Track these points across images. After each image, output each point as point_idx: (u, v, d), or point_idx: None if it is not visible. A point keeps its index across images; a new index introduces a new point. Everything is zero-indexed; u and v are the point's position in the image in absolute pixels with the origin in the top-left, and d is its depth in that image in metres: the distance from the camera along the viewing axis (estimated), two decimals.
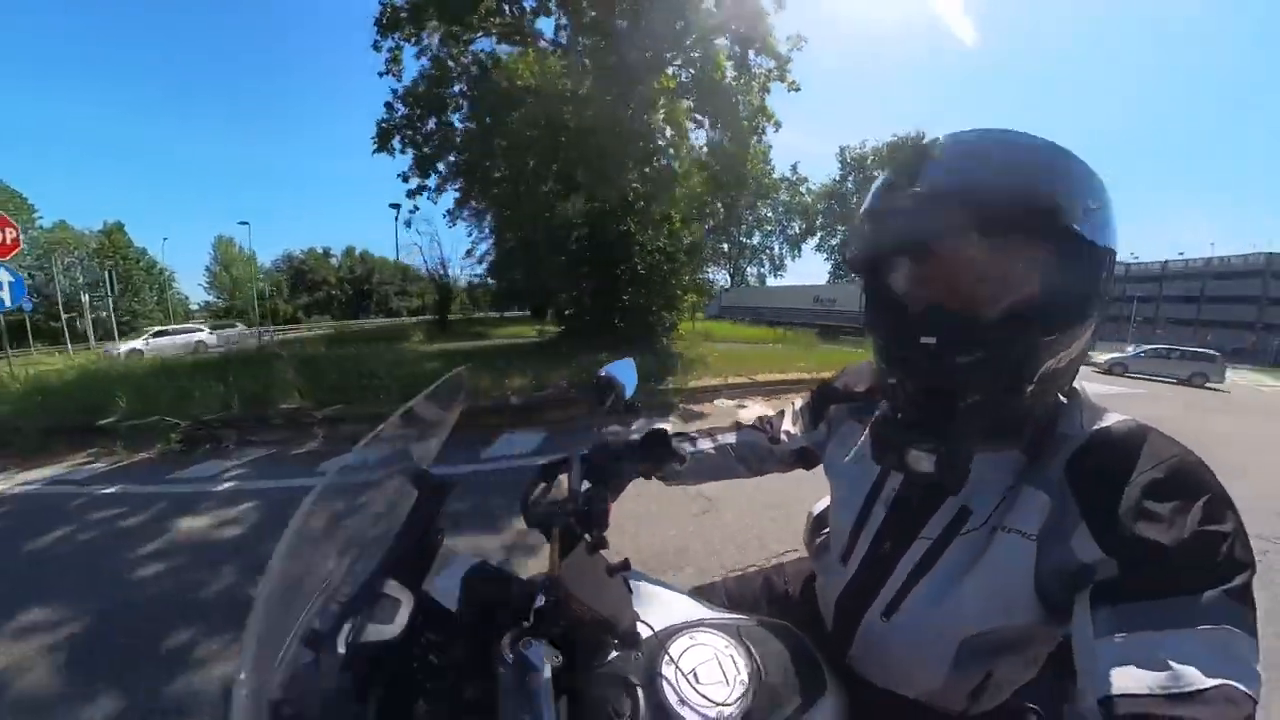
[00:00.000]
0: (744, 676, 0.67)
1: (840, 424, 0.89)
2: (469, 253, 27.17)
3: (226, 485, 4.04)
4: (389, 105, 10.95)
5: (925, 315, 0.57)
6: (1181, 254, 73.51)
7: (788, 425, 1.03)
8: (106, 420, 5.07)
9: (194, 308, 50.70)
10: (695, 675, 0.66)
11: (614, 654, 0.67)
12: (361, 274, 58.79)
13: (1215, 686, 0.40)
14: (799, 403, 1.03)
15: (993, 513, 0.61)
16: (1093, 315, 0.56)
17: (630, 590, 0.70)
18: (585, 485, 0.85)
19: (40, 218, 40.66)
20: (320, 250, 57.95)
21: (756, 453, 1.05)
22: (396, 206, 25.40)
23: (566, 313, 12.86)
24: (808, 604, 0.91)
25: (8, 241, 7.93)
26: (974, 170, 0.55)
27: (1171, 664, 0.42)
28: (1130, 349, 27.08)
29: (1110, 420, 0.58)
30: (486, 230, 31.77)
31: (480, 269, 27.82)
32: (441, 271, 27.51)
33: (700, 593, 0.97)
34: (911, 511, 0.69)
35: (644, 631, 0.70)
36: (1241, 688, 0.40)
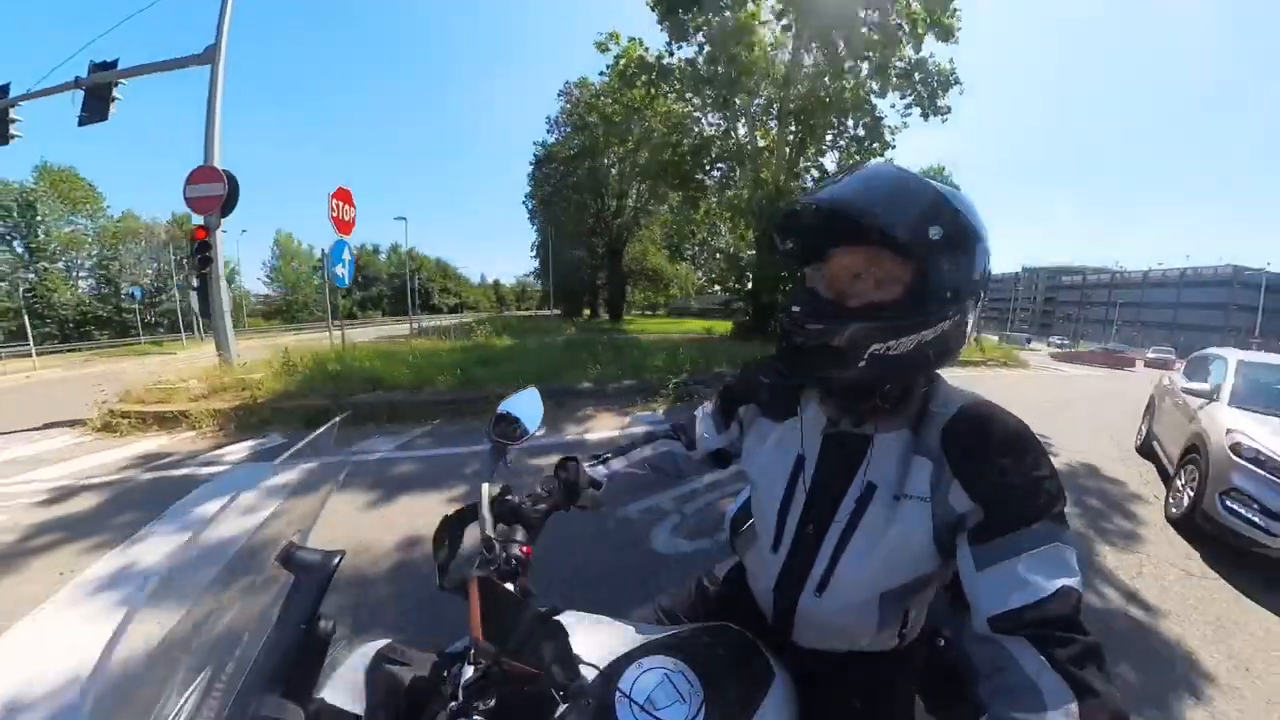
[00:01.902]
0: (697, 688, 0.68)
1: (751, 423, 0.94)
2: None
3: None
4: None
5: (802, 293, 0.76)
6: (1160, 264, 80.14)
7: (700, 430, 1.05)
8: (586, 385, 7.03)
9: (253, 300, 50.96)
10: (651, 703, 0.65)
11: (561, 707, 0.60)
12: (409, 271, 59.95)
13: (1057, 589, 0.58)
14: (709, 406, 1.07)
15: (894, 484, 0.73)
16: (929, 321, 0.69)
17: (567, 633, 0.62)
18: (499, 530, 0.79)
19: (108, 206, 41.45)
20: (370, 247, 59.31)
21: (674, 461, 1.09)
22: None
23: (736, 312, 16.35)
24: (744, 600, 0.94)
25: (348, 219, 7.96)
26: (857, 195, 0.69)
27: (1027, 580, 0.59)
28: (1109, 347, 32.79)
29: (965, 399, 0.74)
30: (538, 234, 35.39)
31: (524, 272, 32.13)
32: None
33: (638, 615, 0.99)
34: (827, 495, 0.78)
35: (588, 674, 0.67)
36: (1072, 584, 0.59)
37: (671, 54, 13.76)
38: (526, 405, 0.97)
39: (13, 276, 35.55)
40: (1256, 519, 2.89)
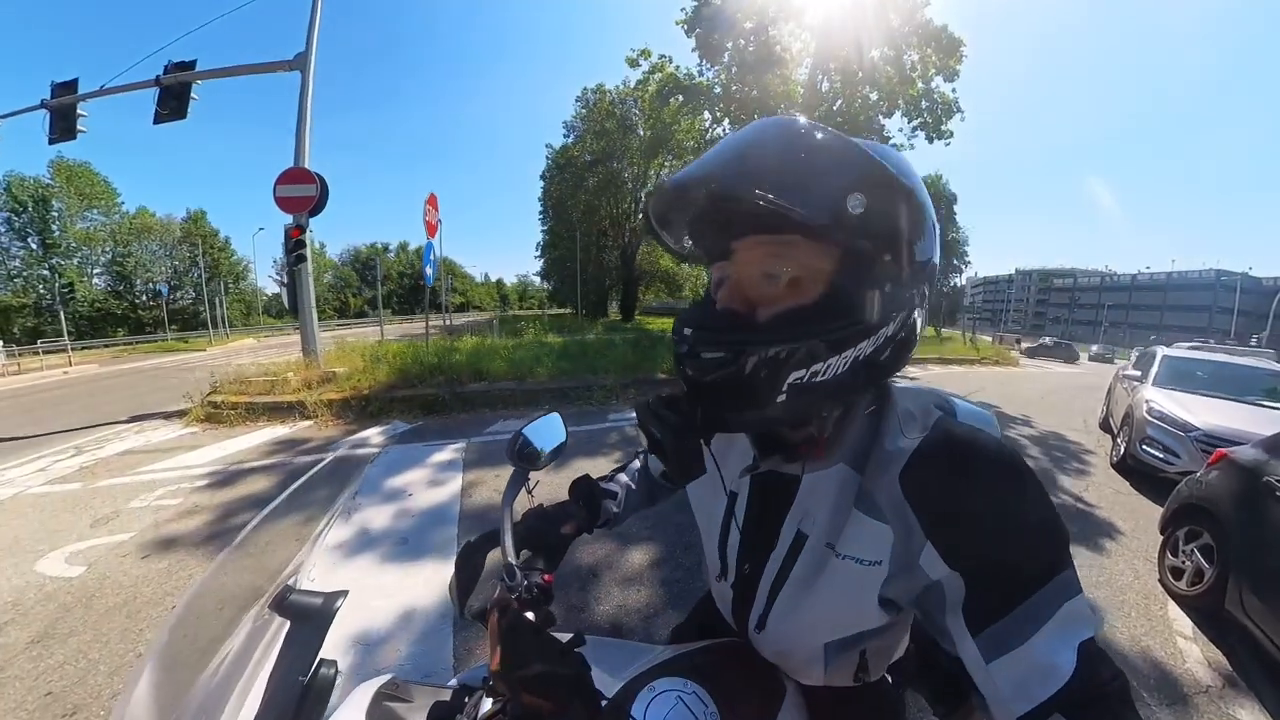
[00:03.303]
0: (713, 708, 0.66)
1: None
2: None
3: None
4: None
5: (696, 308, 0.58)
6: (1148, 268, 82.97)
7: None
8: (662, 375, 8.10)
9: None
10: None
11: None
12: (417, 270, 60.07)
13: (1079, 655, 0.47)
14: None
15: (825, 534, 0.60)
16: (865, 330, 0.51)
17: (588, 665, 0.57)
18: (521, 557, 0.78)
19: (122, 202, 41.47)
20: (380, 245, 61.19)
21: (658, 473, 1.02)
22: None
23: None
24: None
25: (435, 222, 8.50)
26: (737, 164, 0.51)
27: (1049, 665, 0.47)
28: (1094, 348, 34.72)
29: (929, 421, 0.56)
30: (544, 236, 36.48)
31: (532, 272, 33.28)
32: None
33: (647, 637, 0.97)
34: (759, 537, 0.69)
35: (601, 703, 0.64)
36: (1090, 635, 0.48)
37: (702, 74, 15.30)
38: (549, 430, 0.96)
39: (28, 273, 35.81)
40: (1160, 454, 4.47)
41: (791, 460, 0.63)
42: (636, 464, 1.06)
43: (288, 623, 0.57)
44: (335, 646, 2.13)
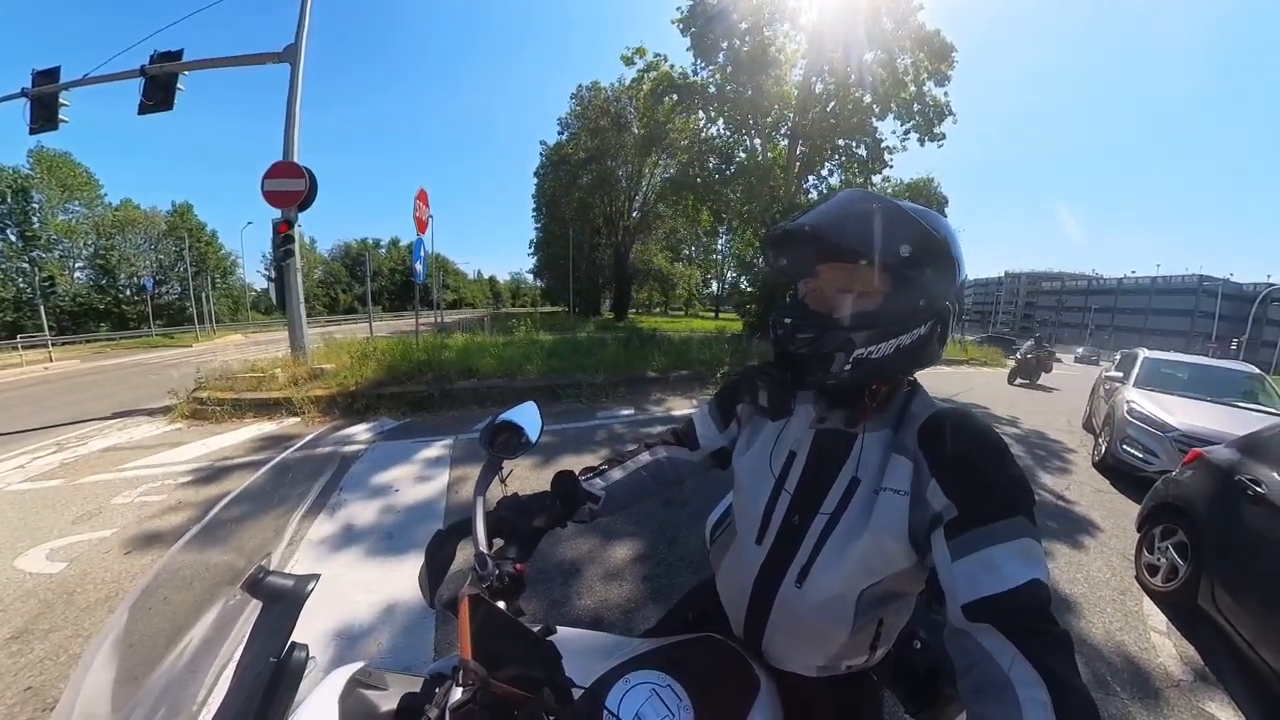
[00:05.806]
0: (686, 701, 0.67)
1: (748, 420, 0.98)
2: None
3: None
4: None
5: (793, 306, 0.82)
6: (1133, 272, 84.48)
7: (701, 430, 1.08)
8: (652, 374, 8.20)
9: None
10: (639, 719, 0.64)
11: None
12: (408, 266, 59.27)
13: (1029, 580, 0.59)
14: (705, 407, 1.09)
15: (875, 479, 0.76)
16: (907, 327, 0.75)
17: (559, 655, 0.58)
18: (493, 546, 0.79)
19: (105, 194, 40.42)
20: (370, 241, 60.25)
21: (674, 465, 1.10)
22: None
23: (749, 310, 18.06)
24: (721, 617, 0.96)
25: (425, 219, 8.58)
26: (837, 220, 0.75)
27: (1000, 569, 0.60)
28: (1080, 349, 35.31)
29: (939, 405, 0.79)
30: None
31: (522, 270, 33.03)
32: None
33: (626, 631, 1.03)
34: (814, 487, 0.81)
35: (574, 692, 0.64)
36: (1043, 579, 0.60)
37: (697, 73, 15.32)
38: (525, 419, 0.96)
39: (7, 266, 34.55)
40: (1139, 454, 4.57)
41: (849, 424, 0.82)
42: (644, 458, 1.11)
43: (259, 605, 0.57)
44: (316, 640, 2.12)
